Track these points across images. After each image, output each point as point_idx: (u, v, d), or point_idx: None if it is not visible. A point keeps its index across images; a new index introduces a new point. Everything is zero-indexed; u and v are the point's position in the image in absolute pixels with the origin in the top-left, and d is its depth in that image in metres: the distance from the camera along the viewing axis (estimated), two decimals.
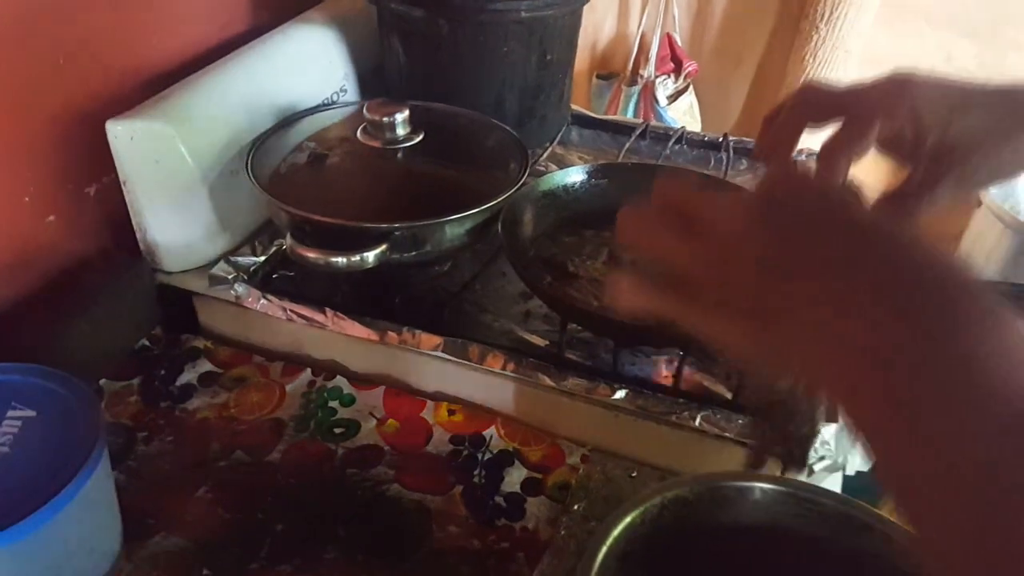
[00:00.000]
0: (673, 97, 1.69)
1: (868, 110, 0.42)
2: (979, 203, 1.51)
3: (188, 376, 0.71)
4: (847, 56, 1.54)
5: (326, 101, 0.86)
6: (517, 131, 0.81)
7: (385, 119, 0.73)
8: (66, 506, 0.46)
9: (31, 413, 0.51)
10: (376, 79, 0.93)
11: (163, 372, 0.71)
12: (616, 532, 0.48)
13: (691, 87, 1.70)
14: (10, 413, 0.50)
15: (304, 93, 0.84)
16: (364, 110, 0.74)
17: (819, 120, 0.43)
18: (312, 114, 0.82)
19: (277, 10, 0.89)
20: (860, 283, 0.28)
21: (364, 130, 0.75)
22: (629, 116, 1.67)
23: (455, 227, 0.70)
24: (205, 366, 0.72)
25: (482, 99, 0.85)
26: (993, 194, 1.49)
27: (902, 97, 0.43)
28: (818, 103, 0.44)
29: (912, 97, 0.43)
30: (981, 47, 1.52)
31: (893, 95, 0.43)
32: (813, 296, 0.28)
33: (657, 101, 1.67)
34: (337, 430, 0.67)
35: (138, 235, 0.74)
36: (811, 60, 1.57)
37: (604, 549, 0.47)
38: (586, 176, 0.80)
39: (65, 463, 0.47)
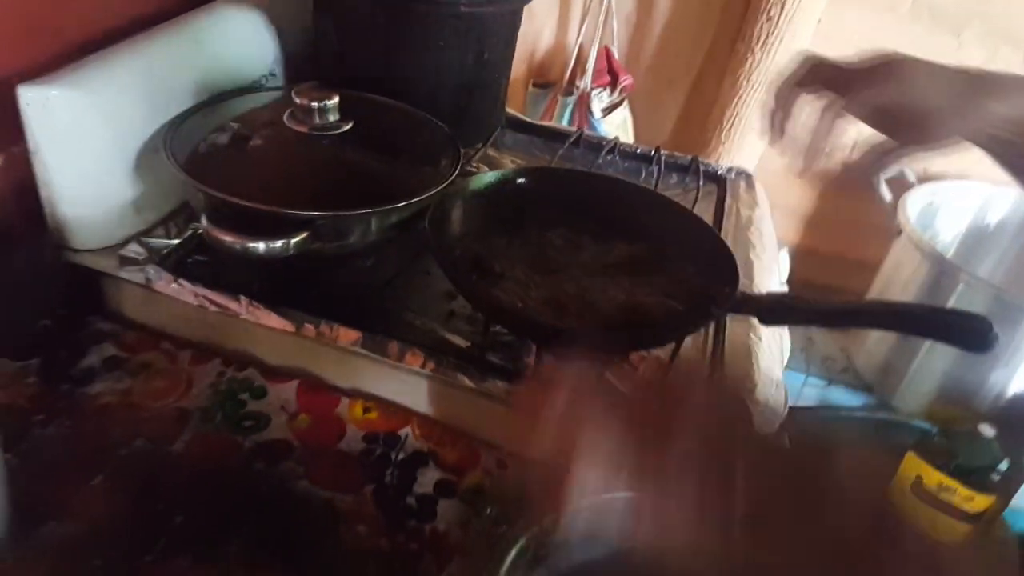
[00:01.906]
0: (608, 110, 1.70)
1: None
2: (899, 232, 1.58)
3: (91, 359, 0.68)
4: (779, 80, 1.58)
5: (254, 84, 0.84)
6: (450, 129, 0.80)
7: (314, 104, 0.71)
8: None
9: None
10: (307, 65, 0.91)
11: (65, 354, 0.68)
12: (528, 535, 0.48)
13: (626, 102, 1.72)
14: None
15: (231, 74, 0.81)
16: (293, 94, 0.72)
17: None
18: (239, 96, 0.79)
19: None
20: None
21: (291, 115, 0.73)
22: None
23: (381, 219, 0.68)
24: (109, 350, 0.69)
25: (415, 92, 0.84)
26: (913, 224, 1.55)
27: None
28: None
29: None
30: None
31: None
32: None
33: (592, 113, 1.68)
34: (246, 423, 0.65)
35: (46, 209, 0.70)
36: (745, 82, 1.60)
37: (513, 552, 0.47)
38: (518, 179, 0.79)
39: None
